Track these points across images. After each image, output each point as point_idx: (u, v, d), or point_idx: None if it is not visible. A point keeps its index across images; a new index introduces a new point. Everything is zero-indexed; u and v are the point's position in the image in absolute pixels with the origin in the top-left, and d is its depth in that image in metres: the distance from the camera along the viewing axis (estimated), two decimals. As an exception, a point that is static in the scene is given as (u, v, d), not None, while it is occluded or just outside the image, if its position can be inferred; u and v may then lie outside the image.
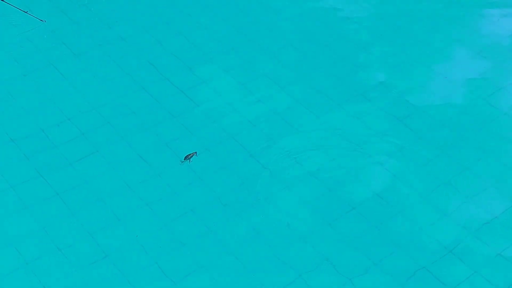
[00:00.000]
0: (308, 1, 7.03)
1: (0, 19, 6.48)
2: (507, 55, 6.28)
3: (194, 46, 6.32)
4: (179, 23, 6.60)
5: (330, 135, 5.44)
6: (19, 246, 4.52)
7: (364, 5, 7.03)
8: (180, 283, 4.37)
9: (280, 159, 5.21)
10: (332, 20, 6.77)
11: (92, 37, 6.34)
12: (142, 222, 4.73)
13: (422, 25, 6.68)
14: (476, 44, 6.41)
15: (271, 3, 6.99)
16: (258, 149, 5.28)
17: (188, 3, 6.92)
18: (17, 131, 5.33)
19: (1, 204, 4.77)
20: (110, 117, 5.51)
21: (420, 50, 6.35)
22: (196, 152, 5.21)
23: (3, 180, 4.92)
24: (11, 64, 5.97)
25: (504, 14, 6.77)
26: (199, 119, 5.52)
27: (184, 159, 5.17)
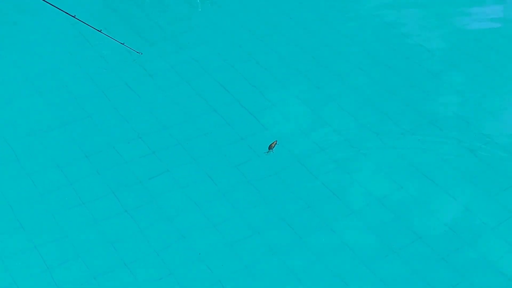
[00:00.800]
0: (380, 27, 7.03)
1: (78, 38, 6.71)
2: None
3: (265, 69, 6.39)
4: (251, 47, 6.69)
5: (399, 162, 5.39)
6: (87, 260, 4.61)
7: (437, 32, 6.98)
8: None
9: (347, 184, 5.20)
10: (404, 46, 6.74)
11: (165, 58, 6.48)
12: (207, 241, 4.77)
13: (496, 54, 6.57)
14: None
15: (342, 28, 7.02)
16: (325, 173, 5.27)
17: (260, 26, 7.02)
18: (91, 147, 5.47)
19: (72, 219, 4.89)
20: (181, 137, 5.60)
21: (493, 79, 6.25)
22: (276, 141, 5.38)
23: (76, 195, 5.05)
24: (87, 82, 6.15)
25: None
26: (268, 142, 5.55)
27: (269, 150, 5.34)
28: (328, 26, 7.10)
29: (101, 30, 5.41)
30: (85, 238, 4.77)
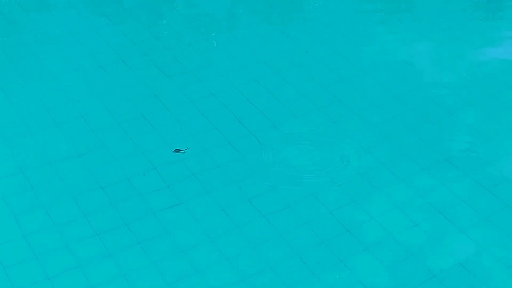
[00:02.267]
0: (396, 63, 7.06)
1: (96, 70, 6.78)
2: None
3: (281, 103, 6.42)
4: (268, 81, 6.73)
5: (414, 199, 5.36)
6: (100, 292, 4.62)
7: (453, 69, 7.00)
8: None
9: (361, 220, 5.17)
10: (420, 83, 6.76)
11: (182, 91, 6.53)
12: (220, 274, 4.74)
13: (510, 91, 6.56)
14: None
15: (359, 63, 7.07)
16: (339, 208, 5.25)
17: (276, 60, 7.07)
18: (105, 178, 5.49)
19: (86, 250, 4.88)
20: (196, 169, 5.61)
21: (508, 117, 6.24)
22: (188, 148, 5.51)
23: (89, 227, 5.05)
24: (104, 113, 6.19)
25: None
26: (282, 177, 5.55)
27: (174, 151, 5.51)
28: (344, 60, 7.15)
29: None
30: (98, 269, 4.75)
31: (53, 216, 5.12)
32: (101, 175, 5.51)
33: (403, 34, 7.78)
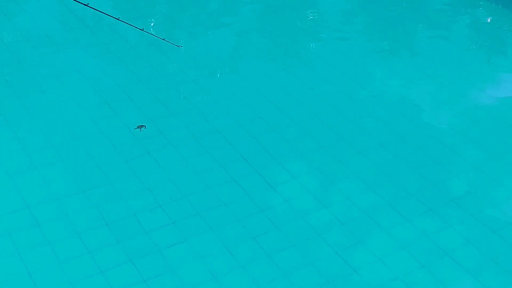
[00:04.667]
0: (400, 102, 7.12)
1: (102, 106, 6.82)
2: None
3: (286, 141, 6.44)
4: (273, 118, 6.76)
5: (420, 240, 5.36)
6: (104, 330, 4.59)
7: (456, 109, 7.05)
8: None
9: (368, 261, 5.16)
10: (423, 122, 6.80)
11: (189, 128, 6.55)
12: (225, 314, 4.74)
13: None
14: None
15: (362, 101, 7.12)
16: (345, 248, 5.24)
17: (281, 99, 7.11)
18: (110, 215, 5.49)
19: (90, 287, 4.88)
20: (200, 207, 5.61)
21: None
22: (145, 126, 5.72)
23: (94, 264, 5.04)
24: (111, 151, 6.20)
25: None
26: (286, 214, 5.56)
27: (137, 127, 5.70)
28: (347, 98, 7.20)
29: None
30: (102, 308, 4.76)
31: (58, 252, 5.10)
32: (107, 212, 5.51)
33: (406, 73, 7.85)
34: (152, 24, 8.29)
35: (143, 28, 5.78)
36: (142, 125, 5.96)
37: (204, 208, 5.60)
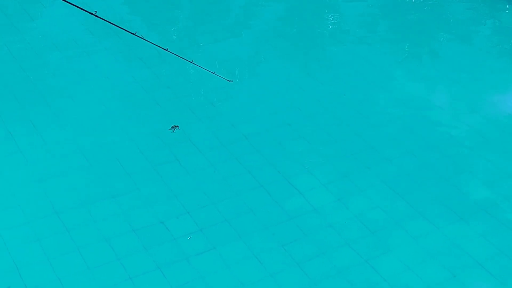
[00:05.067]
0: (425, 109, 7.11)
1: (131, 114, 6.83)
2: None
3: (313, 147, 6.42)
4: (300, 124, 6.74)
5: (450, 249, 5.31)
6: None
7: (485, 115, 7.02)
8: None
9: (398, 270, 5.12)
10: (450, 128, 6.79)
11: (216, 134, 6.54)
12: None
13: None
14: None
15: (386, 107, 7.06)
16: (375, 257, 5.21)
17: (307, 105, 7.09)
18: (138, 221, 5.49)
19: (119, 295, 4.89)
20: (228, 214, 5.59)
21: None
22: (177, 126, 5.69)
23: (123, 271, 5.04)
24: (139, 157, 6.20)
25: None
26: (315, 222, 5.53)
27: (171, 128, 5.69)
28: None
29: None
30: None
31: (87, 259, 5.11)
32: (135, 218, 5.51)
33: (430, 78, 7.76)
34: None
35: (192, 60, 5.78)
36: (176, 126, 5.95)
37: (232, 216, 5.58)
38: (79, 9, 3.50)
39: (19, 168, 5.98)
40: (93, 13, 3.53)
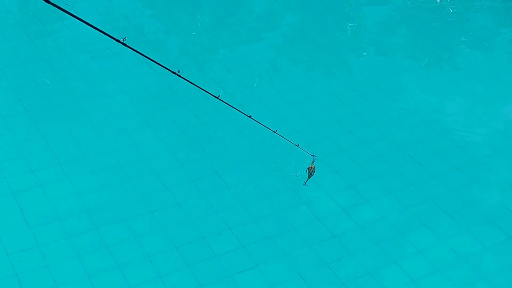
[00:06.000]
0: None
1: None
2: None
3: (356, 164, 6.29)
4: (340, 138, 6.61)
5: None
6: None
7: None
8: None
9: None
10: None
11: (256, 148, 6.43)
12: None
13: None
14: None
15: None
16: (421, 277, 5.07)
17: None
18: (180, 237, 5.38)
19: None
20: (270, 231, 5.47)
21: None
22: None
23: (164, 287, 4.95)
24: (180, 171, 6.09)
25: None
26: (360, 240, 5.43)
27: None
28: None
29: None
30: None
31: (127, 276, 5.01)
32: (175, 234, 5.40)
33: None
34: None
35: (276, 131, 5.61)
36: (312, 168, 5.68)
37: (273, 232, 5.46)
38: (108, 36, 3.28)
39: (59, 182, 5.88)
40: (122, 41, 3.28)
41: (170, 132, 6.58)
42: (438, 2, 9.57)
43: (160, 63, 3.76)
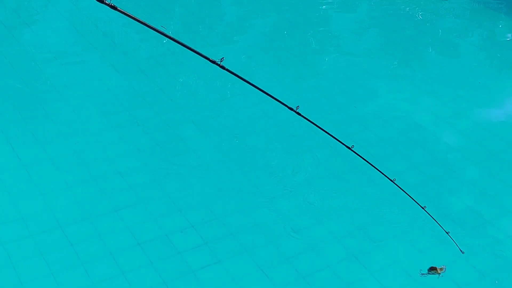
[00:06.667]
0: (400, 120, 7.12)
1: (133, 125, 6.79)
2: None
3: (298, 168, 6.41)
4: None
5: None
6: None
7: (453, 126, 7.03)
8: None
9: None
10: (427, 142, 6.80)
11: (220, 149, 6.52)
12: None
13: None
14: None
15: (365, 121, 7.03)
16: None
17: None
18: (143, 235, 5.44)
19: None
20: (234, 228, 5.56)
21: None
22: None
23: (128, 284, 4.99)
24: (142, 170, 6.17)
25: None
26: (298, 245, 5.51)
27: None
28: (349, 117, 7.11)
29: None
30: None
31: (91, 273, 5.06)
32: (139, 232, 5.46)
33: (411, 92, 7.75)
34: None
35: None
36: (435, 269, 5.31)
37: (237, 230, 5.54)
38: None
39: (22, 182, 5.93)
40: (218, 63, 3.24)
41: (134, 133, 6.66)
42: (407, 9, 9.79)
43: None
